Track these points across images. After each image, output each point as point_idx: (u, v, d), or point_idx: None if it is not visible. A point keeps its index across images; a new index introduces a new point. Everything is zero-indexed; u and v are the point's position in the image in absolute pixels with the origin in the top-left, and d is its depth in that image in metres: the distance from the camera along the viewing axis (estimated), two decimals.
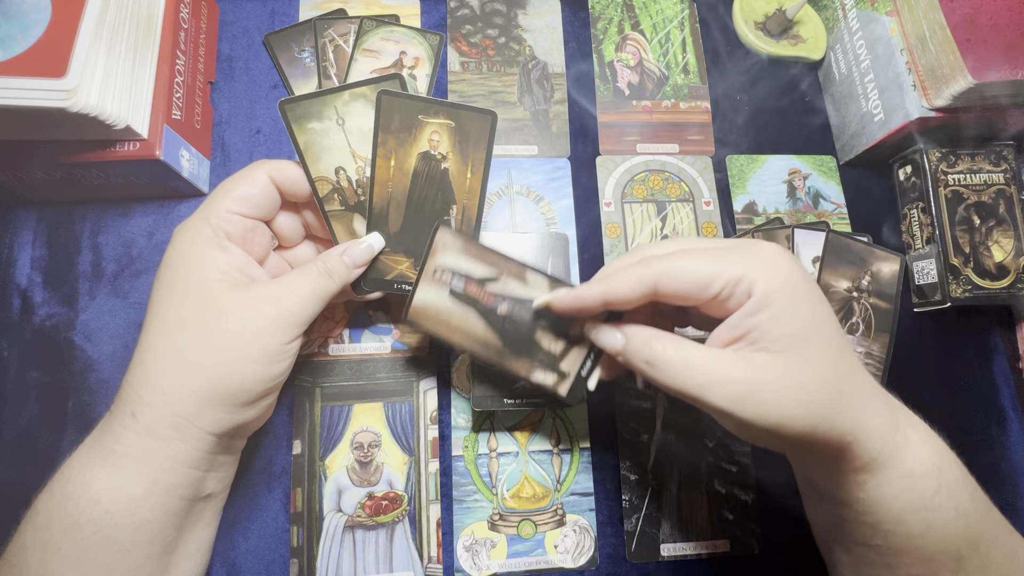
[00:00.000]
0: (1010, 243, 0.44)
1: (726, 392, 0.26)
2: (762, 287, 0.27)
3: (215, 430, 0.29)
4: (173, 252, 0.30)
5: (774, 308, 0.27)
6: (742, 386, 0.26)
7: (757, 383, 0.26)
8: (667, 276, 0.28)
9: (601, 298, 0.29)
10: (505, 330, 0.34)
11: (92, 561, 0.27)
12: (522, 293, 0.33)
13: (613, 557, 0.40)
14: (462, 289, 0.33)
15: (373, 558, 0.38)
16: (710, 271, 0.27)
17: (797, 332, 0.27)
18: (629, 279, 0.28)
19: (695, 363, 0.27)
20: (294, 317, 0.30)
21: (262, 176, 0.33)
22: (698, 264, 0.28)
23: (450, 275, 0.33)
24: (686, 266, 0.28)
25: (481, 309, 0.33)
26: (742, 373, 0.27)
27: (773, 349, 0.27)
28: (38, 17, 0.32)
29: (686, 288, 0.28)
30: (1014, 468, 0.44)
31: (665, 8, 0.51)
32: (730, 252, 0.28)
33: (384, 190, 0.35)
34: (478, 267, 0.33)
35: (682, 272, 0.28)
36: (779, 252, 0.29)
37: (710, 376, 0.27)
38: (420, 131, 0.34)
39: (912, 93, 0.42)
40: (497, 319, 0.33)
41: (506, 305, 0.33)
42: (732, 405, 0.26)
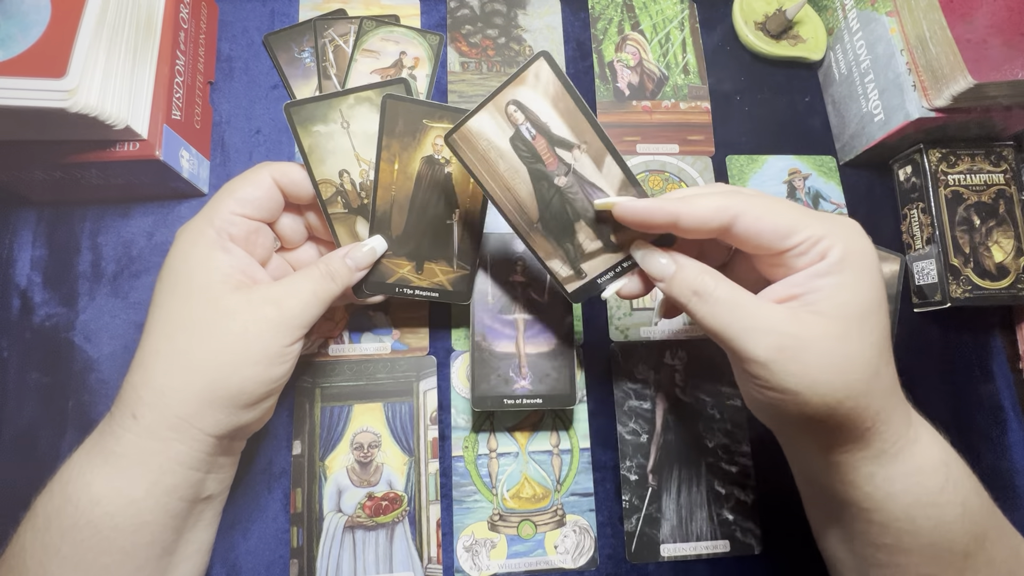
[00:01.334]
0: (1010, 243, 0.44)
1: (768, 341, 0.26)
2: (839, 252, 0.26)
3: (215, 432, 0.29)
4: (176, 253, 0.30)
5: (845, 276, 0.26)
6: (787, 339, 0.26)
7: (803, 340, 0.26)
8: (751, 214, 0.27)
9: (673, 218, 0.28)
10: (550, 204, 0.30)
11: (92, 563, 0.27)
12: (590, 176, 0.30)
13: (613, 557, 0.40)
14: (530, 139, 0.29)
15: (373, 558, 0.38)
16: (794, 223, 0.27)
17: (859, 305, 0.26)
18: (709, 206, 0.27)
19: (745, 305, 0.27)
20: (296, 319, 0.30)
21: (266, 178, 0.32)
22: (783, 213, 0.27)
23: (524, 116, 0.29)
24: (771, 210, 0.27)
25: (536, 171, 0.30)
26: (791, 327, 0.26)
27: (829, 315, 0.26)
28: (38, 17, 0.32)
29: (766, 232, 0.27)
30: (1014, 468, 0.44)
31: (665, 8, 0.51)
32: (813, 214, 0.28)
33: (387, 193, 0.35)
34: (559, 123, 0.29)
35: (767, 214, 0.27)
36: (859, 228, 0.28)
37: (757, 321, 0.26)
38: (424, 135, 0.34)
39: (912, 93, 0.42)
40: (548, 190, 0.30)
41: (565, 180, 0.30)
42: (771, 354, 0.26)
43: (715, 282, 0.28)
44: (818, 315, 0.26)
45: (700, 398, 0.42)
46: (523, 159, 0.29)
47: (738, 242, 0.28)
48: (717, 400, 0.42)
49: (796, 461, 0.33)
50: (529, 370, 0.38)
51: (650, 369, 0.43)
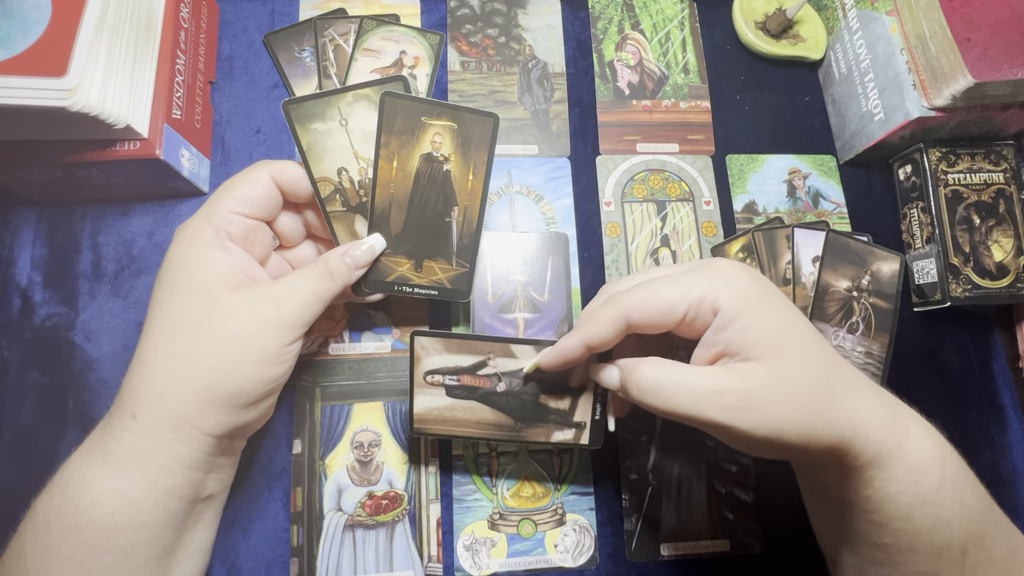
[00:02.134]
0: (1010, 243, 0.44)
1: (719, 404, 0.27)
2: (725, 301, 0.28)
3: (215, 432, 0.29)
4: (174, 252, 0.30)
5: (741, 319, 0.28)
6: (733, 395, 0.27)
7: (747, 390, 0.27)
8: (634, 309, 0.29)
9: (582, 344, 0.30)
10: (511, 406, 0.35)
11: (92, 563, 0.27)
12: (514, 366, 0.34)
13: (613, 557, 0.40)
14: (457, 383, 0.34)
15: (373, 557, 0.38)
16: (672, 297, 0.28)
17: (770, 336, 0.28)
18: (601, 321, 0.30)
19: (683, 381, 0.28)
20: (295, 318, 0.30)
21: (264, 176, 0.32)
22: (661, 292, 0.29)
23: (441, 376, 0.34)
24: (649, 297, 0.29)
25: (481, 395, 0.35)
26: (730, 383, 0.27)
27: (753, 357, 0.27)
28: (38, 16, 0.32)
29: (654, 316, 0.29)
30: (1014, 468, 0.44)
31: (665, 8, 0.51)
32: (690, 275, 0.29)
33: (386, 191, 0.35)
34: (464, 358, 0.34)
35: (647, 303, 0.29)
36: (736, 267, 0.30)
37: (700, 390, 0.27)
38: (423, 133, 0.34)
39: (912, 93, 0.42)
40: (500, 398, 0.35)
41: (504, 382, 0.34)
42: (728, 416, 0.27)
43: (649, 369, 0.29)
44: (746, 361, 0.28)
45: None
46: (466, 397, 0.35)
47: (642, 331, 0.30)
48: None
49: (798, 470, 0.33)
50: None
51: None
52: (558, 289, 0.40)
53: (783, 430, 0.26)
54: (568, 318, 0.39)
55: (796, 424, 0.26)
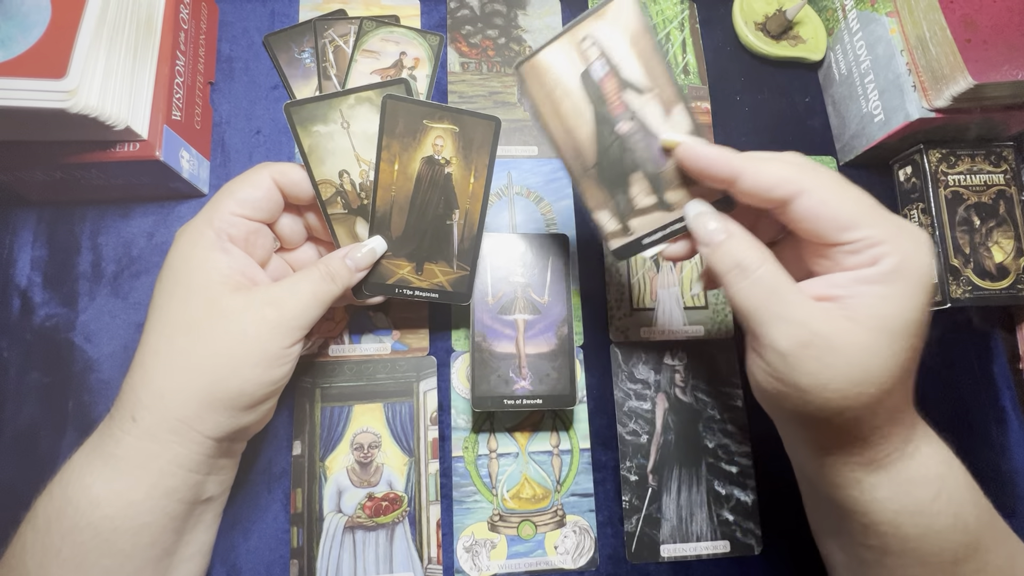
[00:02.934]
0: (1010, 244, 0.44)
1: (794, 334, 0.25)
2: (892, 263, 0.25)
3: (215, 434, 0.29)
4: (175, 254, 0.30)
5: (892, 288, 0.25)
6: (814, 337, 0.25)
7: (830, 342, 0.25)
8: (815, 195, 0.26)
9: (735, 173, 0.27)
10: (609, 151, 0.29)
11: (92, 565, 0.27)
12: (656, 123, 0.28)
13: (613, 558, 0.40)
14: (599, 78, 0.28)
15: (373, 559, 0.38)
16: (857, 217, 0.25)
17: (898, 322, 0.25)
18: (776, 173, 0.26)
19: (783, 292, 0.26)
20: (295, 320, 0.30)
21: (265, 178, 0.32)
22: (849, 203, 0.26)
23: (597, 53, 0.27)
24: (838, 197, 0.26)
25: (601, 113, 0.28)
26: (822, 326, 0.25)
27: (865, 325, 0.25)
28: (38, 18, 0.32)
29: (826, 219, 0.26)
30: (1014, 468, 0.44)
31: (665, 8, 0.51)
32: (881, 213, 0.26)
33: (387, 194, 0.35)
34: (633, 67, 0.28)
35: (832, 201, 0.26)
36: (925, 240, 0.27)
37: (790, 311, 0.25)
38: (424, 136, 0.34)
39: (912, 94, 0.42)
40: (610, 135, 0.29)
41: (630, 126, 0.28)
42: (793, 348, 0.25)
43: (761, 260, 0.26)
44: (852, 322, 0.25)
45: (700, 398, 0.42)
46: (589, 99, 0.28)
47: (794, 221, 0.27)
48: (717, 400, 0.42)
49: (793, 456, 0.33)
50: (529, 370, 0.38)
51: (650, 369, 0.43)
52: (558, 290, 0.40)
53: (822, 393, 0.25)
54: (568, 319, 0.40)
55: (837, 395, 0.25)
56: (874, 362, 0.25)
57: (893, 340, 0.25)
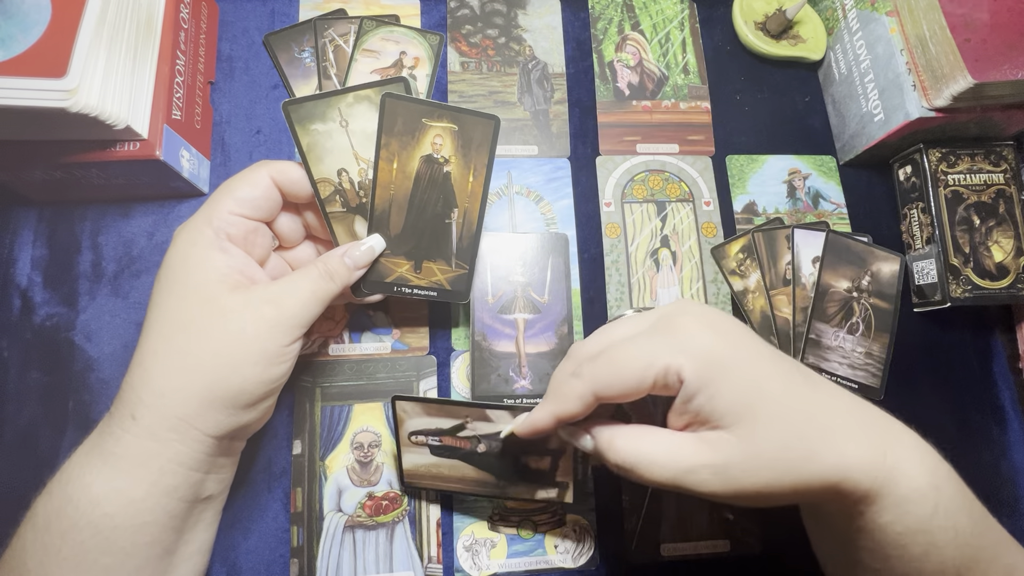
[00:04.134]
0: (1010, 243, 0.44)
1: (699, 478, 0.27)
2: (688, 372, 0.27)
3: (215, 432, 0.29)
4: (174, 253, 0.30)
5: (707, 389, 0.27)
6: (708, 469, 0.27)
7: (722, 463, 0.26)
8: (602, 385, 0.28)
9: (553, 418, 0.30)
10: (493, 465, 0.36)
11: (92, 563, 0.27)
12: (491, 429, 0.35)
13: (613, 557, 0.40)
14: (439, 443, 0.36)
15: (373, 558, 0.38)
16: (638, 368, 0.27)
17: (738, 403, 0.27)
18: (571, 397, 0.29)
19: (659, 458, 0.28)
20: (294, 319, 0.30)
21: (264, 177, 0.32)
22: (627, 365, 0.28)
23: (424, 436, 0.35)
24: (615, 370, 0.28)
25: (463, 455, 0.36)
26: (705, 457, 0.27)
27: (724, 425, 0.27)
28: (38, 17, 0.32)
29: (623, 391, 0.28)
30: (1014, 468, 0.44)
31: (665, 8, 0.51)
32: (653, 339, 0.28)
33: (386, 192, 0.35)
34: (444, 421, 0.35)
35: (614, 377, 0.28)
36: (698, 325, 0.28)
37: (679, 466, 0.27)
38: (423, 134, 0.34)
39: (912, 93, 0.42)
40: (482, 459, 0.36)
41: (484, 444, 0.35)
42: (709, 487, 0.27)
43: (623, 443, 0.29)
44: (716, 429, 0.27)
45: None
46: (449, 456, 0.36)
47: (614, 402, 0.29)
48: None
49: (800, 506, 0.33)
50: (529, 370, 0.38)
51: None
52: (558, 290, 0.40)
53: (764, 492, 0.26)
54: (568, 319, 0.40)
55: (777, 484, 0.26)
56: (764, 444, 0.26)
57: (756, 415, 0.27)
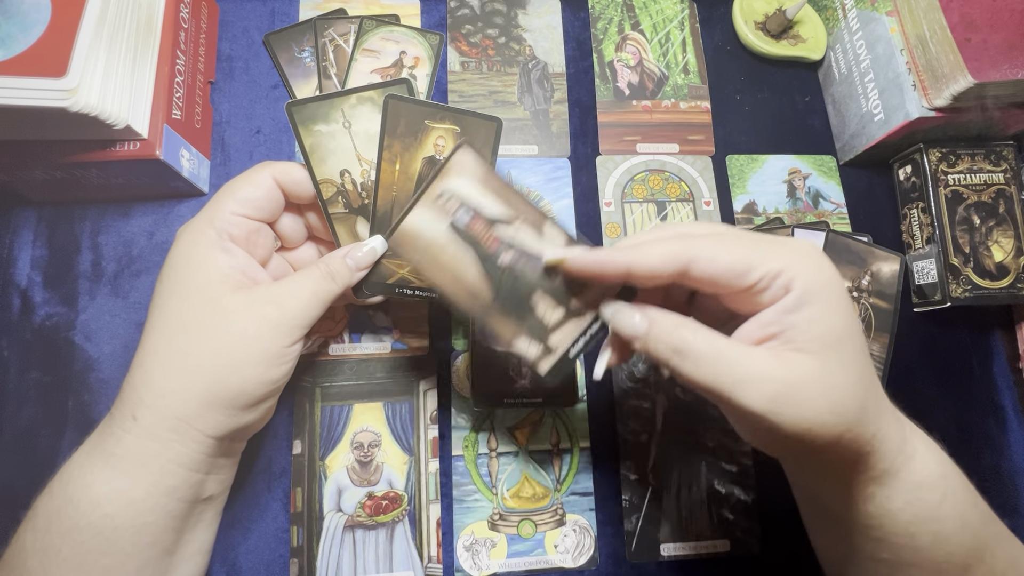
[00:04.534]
0: (1010, 243, 0.44)
1: (761, 391, 0.25)
2: (802, 283, 0.25)
3: (215, 433, 0.29)
4: (176, 254, 0.30)
5: (813, 307, 0.25)
6: (778, 386, 0.25)
7: (793, 384, 0.25)
8: (704, 257, 0.26)
9: (626, 267, 0.27)
10: (501, 283, 0.29)
11: (92, 564, 0.27)
12: (533, 246, 0.29)
13: (613, 557, 0.40)
14: (465, 225, 0.29)
15: (373, 558, 0.38)
16: (750, 259, 0.25)
17: (834, 334, 0.25)
18: (661, 253, 0.26)
19: (728, 357, 0.25)
20: (295, 319, 0.30)
21: (266, 178, 0.32)
22: (737, 250, 0.26)
23: (457, 204, 0.29)
24: (725, 249, 0.26)
25: (480, 253, 0.29)
26: (779, 372, 0.25)
27: (809, 350, 0.25)
28: (38, 17, 0.32)
29: (723, 273, 0.26)
30: (1014, 468, 0.44)
31: (665, 8, 0.51)
32: (769, 243, 0.26)
33: (388, 194, 0.35)
34: (492, 203, 0.29)
35: (721, 255, 0.26)
36: (817, 250, 0.27)
37: (745, 372, 0.25)
38: (426, 136, 0.34)
39: (912, 93, 0.42)
40: (495, 269, 0.29)
41: (511, 255, 0.29)
42: (766, 405, 0.25)
43: (693, 335, 0.26)
44: (800, 352, 0.25)
45: (700, 398, 0.42)
46: (464, 244, 0.29)
47: (697, 285, 0.27)
48: None
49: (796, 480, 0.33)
50: (529, 370, 0.38)
51: (650, 368, 0.43)
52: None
53: (813, 431, 0.25)
54: None
55: (827, 428, 0.25)
56: (838, 380, 0.25)
57: (841, 352, 0.26)
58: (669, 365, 0.26)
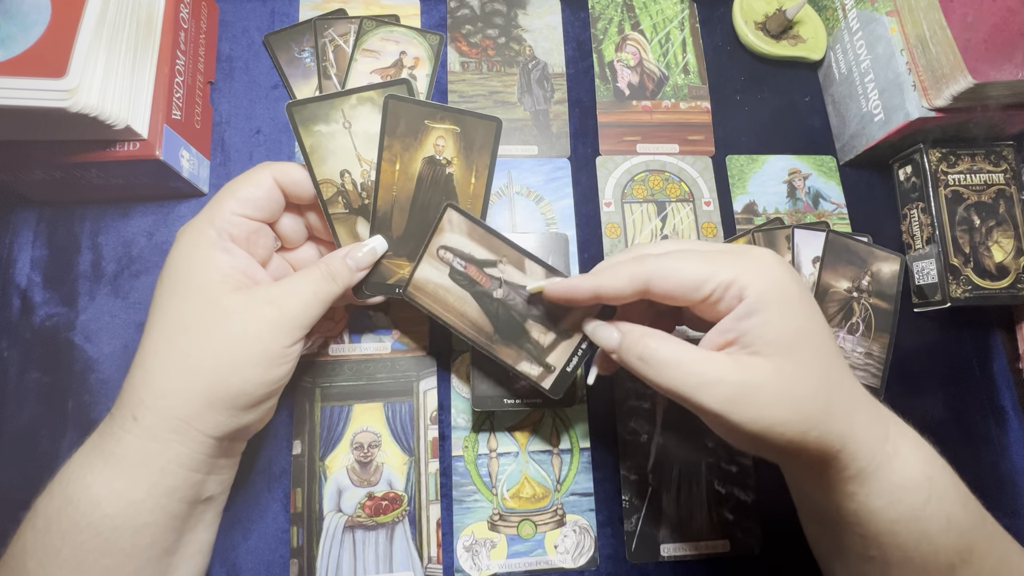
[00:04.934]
0: (1010, 243, 0.44)
1: (718, 393, 0.26)
2: (754, 291, 0.27)
3: (216, 433, 0.29)
4: (176, 254, 0.30)
5: (766, 312, 0.27)
6: (734, 388, 0.26)
7: (749, 385, 0.26)
8: (659, 275, 0.28)
9: (593, 290, 0.30)
10: (498, 315, 0.34)
11: (92, 564, 0.27)
12: (519, 279, 0.34)
13: (613, 557, 0.40)
14: (462, 269, 0.34)
15: (373, 558, 0.38)
16: (702, 273, 0.28)
17: (789, 337, 0.27)
18: (621, 275, 0.29)
19: (688, 362, 0.27)
20: (296, 320, 0.30)
21: (267, 178, 0.32)
22: (691, 265, 0.28)
23: (452, 255, 0.34)
24: (678, 267, 0.28)
25: (478, 292, 0.34)
26: (734, 375, 0.27)
27: (765, 353, 0.27)
28: (38, 17, 0.32)
29: (677, 288, 0.28)
30: (1014, 468, 0.44)
31: (665, 8, 0.51)
32: (724, 255, 0.29)
33: (388, 194, 0.35)
34: (480, 250, 0.34)
35: (674, 272, 0.28)
36: (773, 257, 0.29)
37: (703, 376, 0.27)
38: (426, 136, 0.34)
39: (912, 93, 0.42)
40: (492, 303, 0.34)
41: (502, 290, 0.34)
42: (724, 406, 0.26)
43: (656, 344, 0.28)
44: (756, 355, 0.27)
45: None
46: (464, 287, 0.34)
47: (659, 300, 0.29)
48: None
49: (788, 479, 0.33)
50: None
51: None
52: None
53: (774, 431, 0.26)
54: None
55: (788, 427, 0.26)
56: (796, 381, 0.27)
57: (799, 354, 0.27)
58: (638, 372, 0.29)
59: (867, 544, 0.28)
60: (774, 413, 0.26)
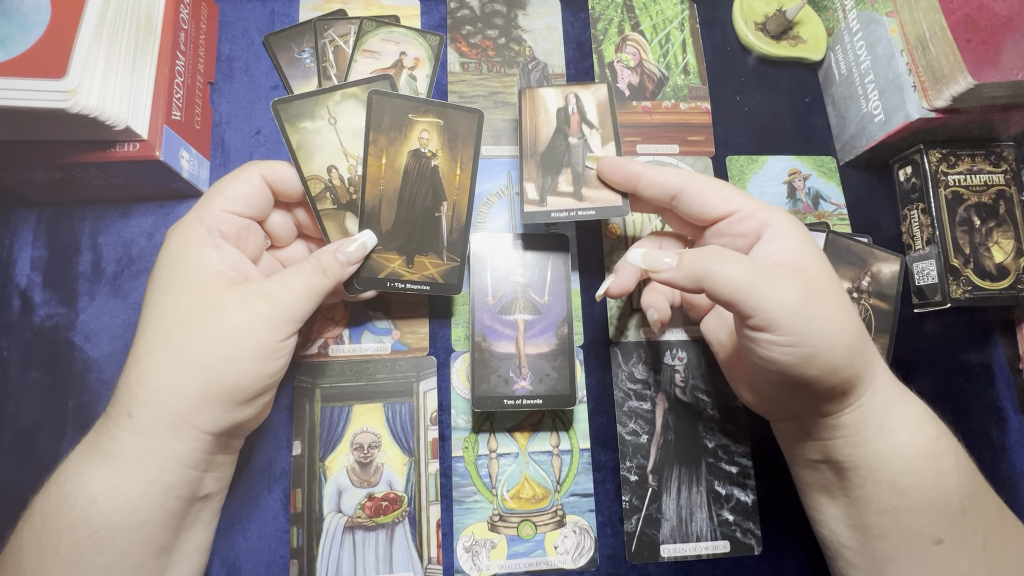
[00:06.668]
0: (1010, 244, 0.44)
1: (795, 287, 0.28)
2: (779, 223, 0.31)
3: (212, 429, 0.29)
4: (167, 252, 0.30)
5: (794, 238, 0.30)
6: (808, 284, 0.28)
7: (817, 284, 0.29)
8: (695, 182, 0.33)
9: (637, 176, 0.35)
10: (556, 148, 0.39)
11: (89, 562, 0.27)
12: (594, 146, 0.39)
13: (613, 558, 0.40)
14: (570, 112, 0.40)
15: (373, 559, 0.38)
16: (731, 193, 0.32)
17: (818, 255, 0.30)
18: (667, 172, 0.34)
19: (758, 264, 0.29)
20: (288, 313, 0.30)
21: (255, 175, 0.33)
22: (722, 188, 0.33)
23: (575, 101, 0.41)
24: (715, 184, 0.33)
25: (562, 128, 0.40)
26: (804, 272, 0.29)
27: (807, 266, 0.29)
28: (38, 18, 0.32)
29: (708, 198, 0.33)
30: (1014, 468, 0.44)
31: (665, 9, 0.51)
32: (746, 194, 0.33)
33: (376, 188, 0.35)
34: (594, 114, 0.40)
35: (708, 186, 0.33)
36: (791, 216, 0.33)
37: (778, 274, 0.28)
38: (410, 130, 0.35)
39: (912, 94, 0.42)
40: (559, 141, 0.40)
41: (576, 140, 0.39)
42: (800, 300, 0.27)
43: (724, 249, 0.30)
44: (805, 267, 0.30)
45: (700, 398, 0.42)
46: (558, 119, 0.40)
47: (685, 208, 0.34)
48: (717, 400, 0.42)
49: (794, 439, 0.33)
50: (529, 370, 0.38)
51: (650, 369, 0.43)
52: (558, 291, 0.40)
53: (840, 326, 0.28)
54: (568, 320, 0.40)
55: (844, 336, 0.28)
56: (837, 291, 0.30)
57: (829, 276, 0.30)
58: (704, 281, 0.30)
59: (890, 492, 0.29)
60: (833, 315, 0.28)
